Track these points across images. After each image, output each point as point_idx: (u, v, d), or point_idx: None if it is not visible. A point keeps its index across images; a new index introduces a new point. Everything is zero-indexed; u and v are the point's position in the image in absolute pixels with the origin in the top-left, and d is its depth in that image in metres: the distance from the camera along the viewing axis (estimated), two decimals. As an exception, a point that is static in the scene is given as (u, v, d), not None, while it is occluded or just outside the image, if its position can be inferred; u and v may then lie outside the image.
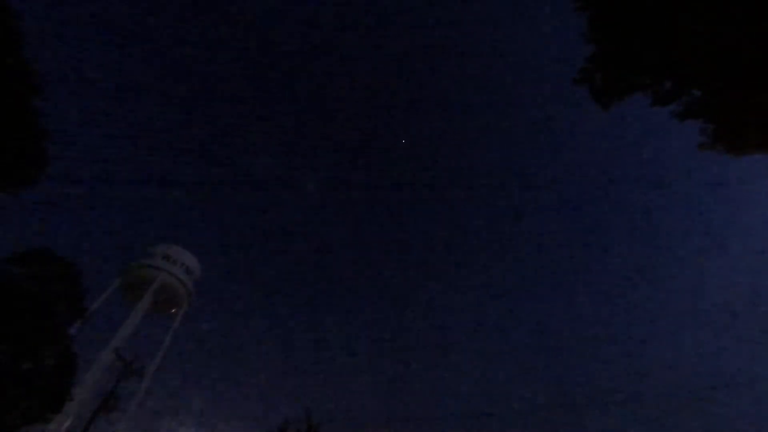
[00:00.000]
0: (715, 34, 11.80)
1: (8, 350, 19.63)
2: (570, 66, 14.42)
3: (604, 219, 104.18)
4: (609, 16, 13.35)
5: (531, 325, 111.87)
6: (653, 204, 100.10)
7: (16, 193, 18.63)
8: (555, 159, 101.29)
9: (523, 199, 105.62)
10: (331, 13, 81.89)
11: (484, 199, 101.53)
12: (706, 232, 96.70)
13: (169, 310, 48.24)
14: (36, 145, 17.89)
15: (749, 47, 11.49)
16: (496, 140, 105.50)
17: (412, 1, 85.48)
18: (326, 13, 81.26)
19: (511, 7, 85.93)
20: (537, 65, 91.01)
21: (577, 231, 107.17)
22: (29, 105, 17.15)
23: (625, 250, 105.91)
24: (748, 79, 11.92)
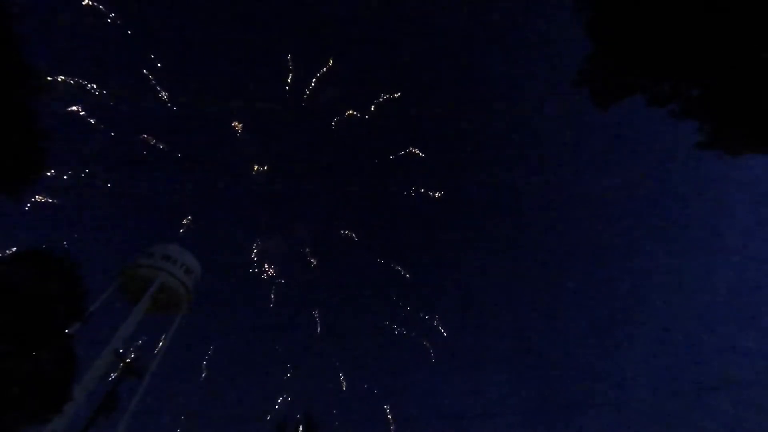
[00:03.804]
0: (714, 34, 11.84)
1: (8, 350, 19.65)
2: (569, 68, 14.46)
3: (591, 219, 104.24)
4: (608, 18, 13.39)
5: (517, 326, 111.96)
6: (644, 206, 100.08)
7: (16, 193, 18.66)
8: (547, 163, 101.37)
9: (513, 202, 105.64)
10: (330, 15, 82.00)
11: (471, 200, 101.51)
12: (697, 233, 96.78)
13: (169, 310, 48.26)
14: (35, 145, 17.92)
15: (747, 47, 11.53)
16: (488, 144, 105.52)
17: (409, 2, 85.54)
18: (326, 14, 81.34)
19: (509, 7, 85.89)
20: (536, 66, 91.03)
21: (562, 232, 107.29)
22: (29, 105, 17.19)
23: (615, 250, 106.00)
24: (746, 78, 11.96)
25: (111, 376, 34.42)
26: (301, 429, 39.82)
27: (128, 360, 30.93)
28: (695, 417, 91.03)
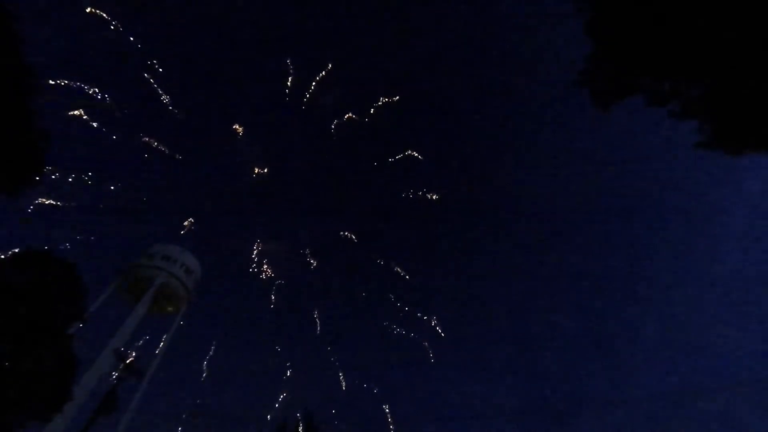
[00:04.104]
0: (715, 32, 11.85)
1: (8, 350, 19.66)
2: (568, 68, 14.45)
3: (592, 218, 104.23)
4: (608, 17, 13.39)
5: (516, 326, 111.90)
6: (644, 205, 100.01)
7: (16, 193, 18.67)
8: (548, 160, 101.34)
9: (512, 197, 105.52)
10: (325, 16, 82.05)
11: (470, 200, 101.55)
12: (698, 233, 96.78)
13: (169, 310, 48.30)
14: (35, 145, 17.93)
15: (748, 46, 11.54)
16: (490, 145, 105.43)
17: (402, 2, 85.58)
18: (322, 15, 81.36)
19: (508, 7, 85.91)
20: (535, 67, 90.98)
21: (564, 229, 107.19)
22: (28, 105, 17.20)
23: (615, 250, 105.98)
24: (747, 77, 11.96)
25: (111, 376, 34.43)
26: (301, 429, 39.81)
27: (128, 360, 30.91)
28: (695, 417, 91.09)
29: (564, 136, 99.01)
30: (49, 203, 46.58)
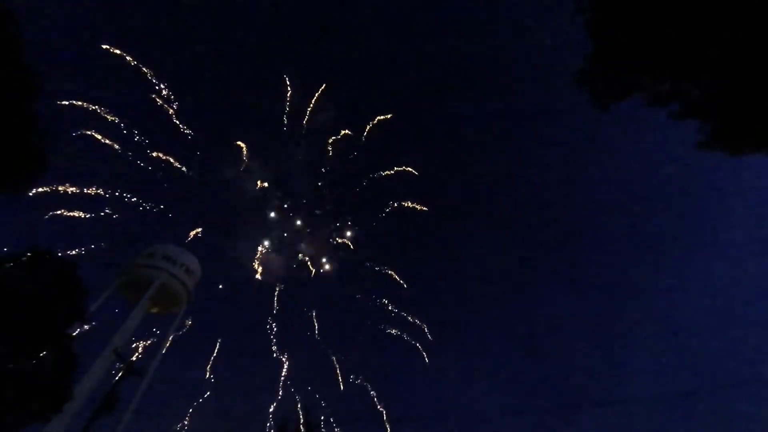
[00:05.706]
0: (715, 32, 11.84)
1: (8, 350, 19.66)
2: (567, 67, 14.44)
3: (590, 218, 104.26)
4: (608, 17, 13.38)
5: (515, 326, 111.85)
6: (643, 205, 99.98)
7: (16, 193, 18.66)
8: (546, 157, 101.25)
9: (512, 198, 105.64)
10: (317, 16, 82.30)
11: (472, 197, 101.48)
12: (698, 232, 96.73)
13: (169, 310, 48.29)
14: (36, 145, 17.93)
15: (748, 46, 11.53)
16: (489, 141, 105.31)
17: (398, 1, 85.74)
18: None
19: (507, 6, 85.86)
20: (535, 66, 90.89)
21: (563, 230, 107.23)
22: (29, 106, 17.20)
23: (614, 250, 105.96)
24: (747, 77, 11.96)
25: (112, 376, 34.42)
26: (301, 428, 39.83)
27: (128, 360, 30.89)
28: (696, 417, 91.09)
29: (561, 136, 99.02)
30: (68, 215, 47.51)
